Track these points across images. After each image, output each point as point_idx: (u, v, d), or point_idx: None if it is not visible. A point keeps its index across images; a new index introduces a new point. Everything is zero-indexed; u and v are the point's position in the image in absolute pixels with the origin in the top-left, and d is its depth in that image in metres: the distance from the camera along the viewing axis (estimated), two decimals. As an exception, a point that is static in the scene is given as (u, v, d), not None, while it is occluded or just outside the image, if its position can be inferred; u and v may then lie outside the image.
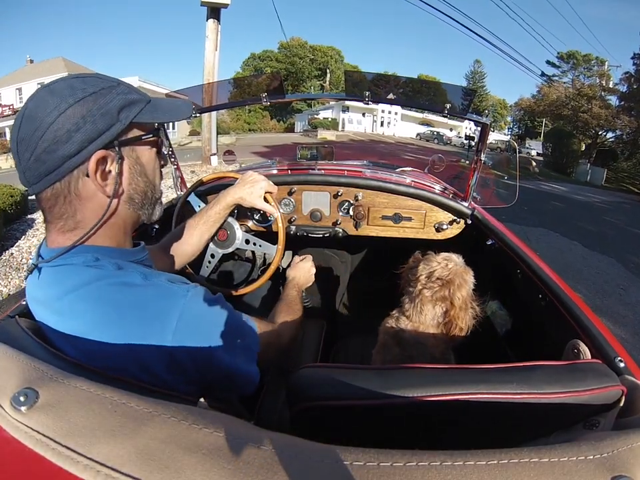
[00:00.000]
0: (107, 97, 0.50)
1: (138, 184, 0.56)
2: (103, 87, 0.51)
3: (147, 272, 0.54)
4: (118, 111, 0.51)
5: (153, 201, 0.60)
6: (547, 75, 24.37)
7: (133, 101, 0.53)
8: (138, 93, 0.55)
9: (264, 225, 1.49)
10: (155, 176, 0.60)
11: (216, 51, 4.57)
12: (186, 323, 0.49)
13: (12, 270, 3.26)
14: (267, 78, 1.37)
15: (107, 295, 0.48)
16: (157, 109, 0.56)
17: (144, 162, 0.56)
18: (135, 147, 0.54)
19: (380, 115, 31.37)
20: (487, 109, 41.15)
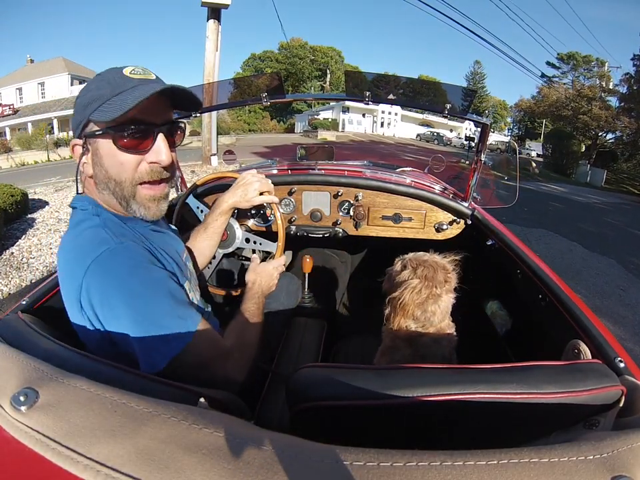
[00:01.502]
0: (87, 95, 0.59)
1: (97, 173, 0.62)
2: (92, 82, 0.60)
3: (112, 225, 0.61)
4: (85, 108, 0.59)
5: (120, 195, 0.62)
6: (547, 76, 24.41)
7: (96, 98, 0.58)
8: (116, 86, 0.58)
9: (264, 225, 1.49)
10: (116, 171, 0.61)
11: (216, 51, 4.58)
12: (99, 264, 0.54)
13: (12, 269, 3.26)
14: (267, 78, 1.37)
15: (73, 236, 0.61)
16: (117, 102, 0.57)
17: (102, 154, 0.61)
18: (95, 140, 0.61)
19: (380, 115, 31.38)
20: (487, 109, 41.21)
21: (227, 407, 0.51)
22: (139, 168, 0.62)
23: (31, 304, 0.73)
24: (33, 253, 3.59)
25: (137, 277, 0.56)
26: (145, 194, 0.64)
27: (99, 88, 0.59)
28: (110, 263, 0.55)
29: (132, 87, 0.58)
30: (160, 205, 0.67)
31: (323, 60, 38.73)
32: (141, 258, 0.58)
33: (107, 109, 0.57)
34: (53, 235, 4.04)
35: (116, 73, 0.60)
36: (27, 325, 0.57)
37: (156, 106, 0.61)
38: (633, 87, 18.07)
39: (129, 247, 0.58)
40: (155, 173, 0.64)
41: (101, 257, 0.54)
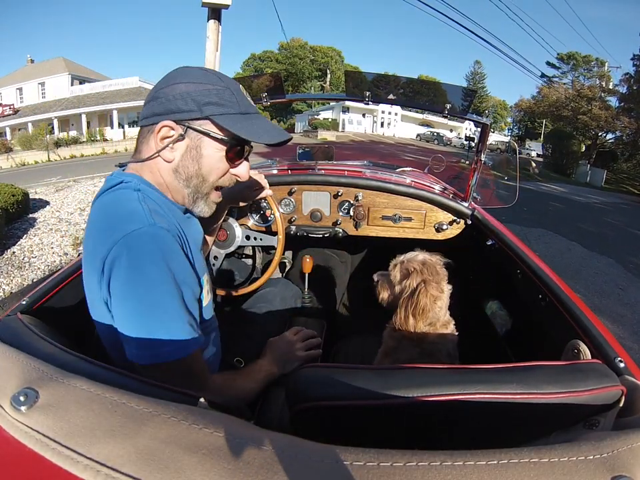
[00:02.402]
0: (205, 91, 0.61)
1: (188, 165, 0.64)
2: (211, 82, 0.62)
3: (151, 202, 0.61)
4: (204, 104, 0.61)
5: (196, 190, 0.66)
6: (546, 76, 24.40)
7: (223, 104, 0.61)
8: (242, 104, 0.63)
9: (264, 225, 1.49)
10: (209, 172, 0.65)
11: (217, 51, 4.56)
12: (126, 243, 0.54)
13: (14, 268, 3.26)
14: (267, 78, 1.37)
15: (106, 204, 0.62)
16: (245, 123, 0.62)
17: (204, 153, 0.63)
18: (202, 137, 0.63)
19: (380, 115, 31.36)
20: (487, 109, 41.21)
21: (227, 407, 0.51)
22: (225, 175, 0.68)
23: (31, 304, 0.73)
24: (35, 252, 3.60)
25: (158, 268, 0.55)
26: (215, 196, 0.70)
27: (222, 93, 0.61)
28: (138, 245, 0.54)
29: (254, 112, 0.66)
30: (213, 206, 0.72)
31: (323, 60, 38.72)
32: (169, 249, 0.57)
33: (238, 123, 0.61)
34: (54, 235, 4.04)
35: (235, 85, 0.65)
36: (26, 327, 0.56)
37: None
38: (632, 87, 18.07)
39: (160, 233, 0.57)
40: (231, 183, 0.71)
41: (131, 235, 0.54)
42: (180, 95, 0.60)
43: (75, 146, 17.31)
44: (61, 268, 1.01)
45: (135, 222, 0.55)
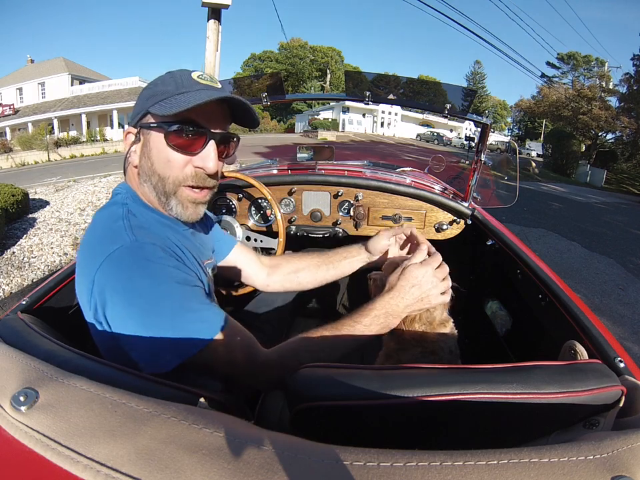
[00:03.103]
0: (152, 86, 0.62)
1: (143, 164, 0.63)
2: (161, 77, 0.62)
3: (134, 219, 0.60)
4: (147, 99, 0.61)
5: (161, 190, 0.62)
6: (547, 76, 24.40)
7: (160, 92, 0.60)
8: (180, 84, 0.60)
9: (264, 225, 1.49)
10: (161, 166, 0.61)
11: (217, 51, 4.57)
12: (110, 262, 0.53)
13: (14, 268, 3.27)
14: (267, 78, 1.37)
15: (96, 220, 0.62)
16: (174, 100, 0.58)
17: (152, 146, 0.61)
18: (148, 132, 0.62)
19: (380, 115, 31.37)
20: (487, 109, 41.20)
21: (227, 407, 0.51)
22: (185, 169, 0.62)
23: (31, 304, 0.73)
24: (34, 253, 3.60)
25: (148, 277, 0.53)
26: (186, 194, 0.63)
27: (165, 84, 0.61)
28: (121, 262, 0.53)
29: (197, 89, 0.59)
30: (198, 208, 0.66)
31: (323, 60, 38.73)
32: (155, 257, 0.55)
33: (167, 104, 0.58)
34: (54, 235, 4.04)
35: (184, 74, 0.62)
36: (27, 325, 0.56)
37: (214, 113, 0.62)
38: (632, 87, 18.06)
39: (144, 245, 0.55)
40: (199, 179, 0.63)
41: (113, 254, 0.53)
42: (138, 101, 0.63)
43: (75, 146, 17.31)
44: (61, 268, 1.01)
45: (115, 241, 0.55)
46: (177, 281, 0.55)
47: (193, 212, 0.65)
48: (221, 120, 0.64)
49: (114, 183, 6.48)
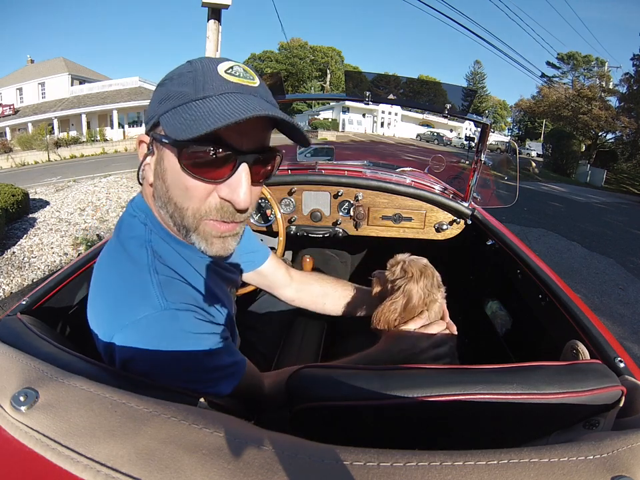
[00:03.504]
0: (168, 80, 0.48)
1: (157, 185, 0.50)
2: (179, 69, 0.48)
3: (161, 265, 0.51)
4: (159, 102, 0.47)
5: (179, 223, 0.50)
6: (547, 76, 24.41)
7: (175, 94, 0.45)
8: (200, 86, 0.45)
9: (264, 225, 1.49)
10: (182, 196, 0.48)
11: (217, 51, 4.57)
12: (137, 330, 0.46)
13: (14, 268, 3.27)
14: (267, 78, 1.37)
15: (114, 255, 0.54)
16: (190, 112, 0.43)
17: (165, 167, 0.48)
18: (161, 147, 0.48)
19: (380, 115, 31.39)
20: (487, 109, 41.21)
21: (227, 407, 0.51)
22: (207, 200, 0.48)
23: (31, 304, 0.73)
24: (35, 253, 3.60)
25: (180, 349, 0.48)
26: (210, 229, 0.50)
27: (182, 81, 0.46)
28: (149, 331, 0.47)
29: (221, 93, 0.44)
30: (227, 243, 0.53)
31: (323, 60, 38.73)
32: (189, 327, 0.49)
33: (180, 117, 0.44)
34: (54, 235, 4.05)
35: (209, 66, 0.46)
36: (26, 327, 0.56)
37: (249, 123, 0.43)
38: (632, 87, 18.07)
39: (177, 314, 0.48)
40: (225, 213, 0.49)
41: (141, 322, 0.46)
42: (151, 100, 0.50)
43: (75, 146, 17.31)
44: (61, 268, 1.01)
45: (144, 304, 0.47)
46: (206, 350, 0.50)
47: (220, 247, 0.52)
48: (259, 131, 0.48)
49: (114, 183, 6.48)
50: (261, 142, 0.49)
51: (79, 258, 0.88)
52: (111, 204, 5.23)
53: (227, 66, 0.47)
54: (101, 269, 0.54)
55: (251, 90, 0.47)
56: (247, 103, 0.44)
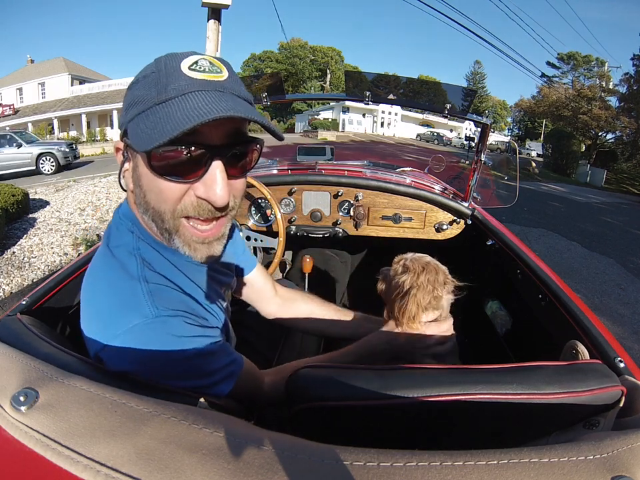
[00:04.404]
0: (135, 83, 0.47)
1: (137, 193, 0.50)
2: (145, 70, 0.47)
3: (150, 273, 0.51)
4: (127, 107, 0.46)
5: (161, 226, 0.49)
6: (547, 76, 24.41)
7: (140, 99, 0.44)
8: (162, 88, 0.43)
9: (264, 225, 1.49)
10: (157, 199, 0.47)
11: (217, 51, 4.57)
12: (131, 336, 0.47)
13: (14, 268, 3.27)
14: (267, 78, 1.37)
15: (104, 263, 0.53)
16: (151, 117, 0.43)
17: (140, 172, 0.47)
18: (134, 152, 0.47)
19: (380, 115, 31.39)
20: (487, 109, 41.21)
21: (227, 407, 0.51)
22: (183, 199, 0.47)
23: (31, 304, 0.73)
24: (35, 253, 3.60)
25: (172, 353, 0.48)
26: (190, 234, 0.49)
27: (146, 84, 0.44)
28: (142, 338, 0.47)
29: (184, 92, 0.43)
30: (211, 247, 0.51)
31: (323, 60, 38.74)
32: (180, 332, 0.49)
33: (143, 123, 0.43)
34: (54, 235, 4.05)
35: (172, 64, 0.44)
36: (26, 327, 0.56)
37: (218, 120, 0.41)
38: (632, 86, 18.07)
39: (168, 320, 0.48)
40: (203, 211, 0.48)
41: (134, 329, 0.47)
42: (122, 105, 0.48)
43: (75, 146, 17.30)
44: (61, 268, 1.01)
45: (135, 313, 0.47)
46: (201, 353, 0.50)
47: (206, 252, 0.51)
48: (232, 124, 0.46)
49: (114, 182, 6.48)
50: (236, 134, 0.47)
51: (79, 258, 0.88)
52: (111, 204, 5.23)
53: (191, 61, 0.45)
54: (91, 277, 0.54)
55: (216, 85, 0.45)
56: (210, 102, 0.42)
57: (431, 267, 0.75)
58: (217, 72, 0.46)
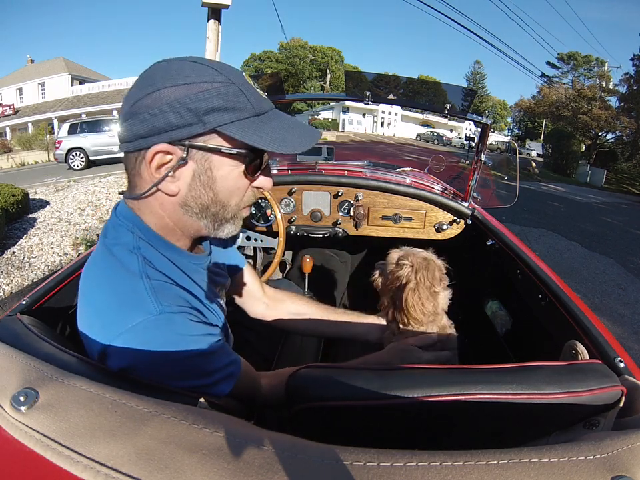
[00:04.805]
0: (202, 93, 0.46)
1: (200, 195, 0.52)
2: (207, 79, 0.47)
3: (152, 270, 0.51)
4: (205, 112, 0.47)
5: (220, 218, 0.55)
6: (547, 76, 24.41)
7: (231, 108, 0.47)
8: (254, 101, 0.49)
9: (264, 225, 1.49)
10: (230, 196, 0.53)
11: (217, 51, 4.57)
12: (135, 335, 0.47)
13: (14, 268, 3.26)
14: (267, 78, 1.37)
15: (102, 262, 0.53)
16: (264, 128, 0.49)
17: (217, 175, 0.51)
18: (210, 156, 0.49)
19: (380, 115, 31.40)
20: (487, 109, 41.21)
21: (227, 407, 0.51)
22: (247, 193, 0.55)
23: (31, 304, 0.73)
24: (35, 253, 3.60)
25: (178, 351, 0.49)
26: (244, 214, 0.58)
27: (225, 91, 0.47)
28: (146, 335, 0.47)
29: (269, 108, 0.52)
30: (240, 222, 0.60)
31: (323, 60, 38.72)
32: (185, 329, 0.50)
33: (255, 131, 0.48)
34: (54, 235, 4.05)
35: (239, 75, 0.50)
36: (26, 327, 0.56)
37: None
38: (632, 87, 18.08)
39: (172, 317, 0.49)
40: (255, 198, 0.58)
41: (138, 327, 0.47)
42: (169, 106, 0.46)
43: (75, 146, 17.29)
44: (61, 268, 1.01)
45: (139, 310, 0.48)
46: (203, 352, 0.51)
47: (238, 225, 0.59)
48: None
49: (114, 182, 6.48)
50: None
51: (79, 258, 0.88)
52: (111, 204, 5.22)
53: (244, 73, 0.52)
54: (89, 277, 0.54)
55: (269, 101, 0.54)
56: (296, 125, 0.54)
57: (427, 262, 0.75)
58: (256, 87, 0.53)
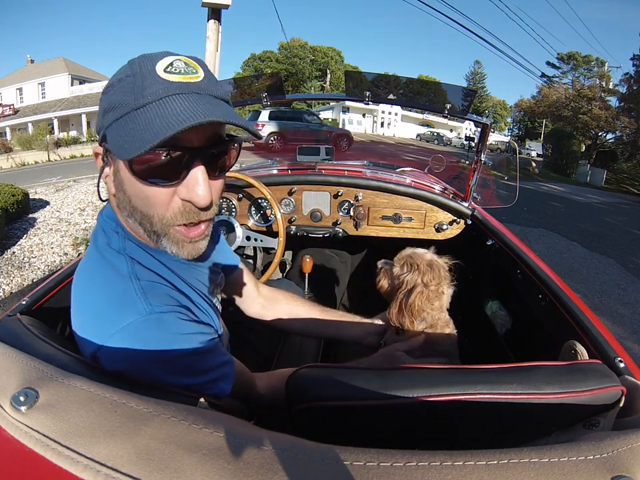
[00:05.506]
0: (110, 88, 0.46)
1: (120, 197, 0.50)
2: (119, 73, 0.46)
3: (141, 271, 0.52)
4: (104, 112, 0.47)
5: (149, 229, 0.50)
6: (547, 76, 24.40)
7: (117, 104, 0.44)
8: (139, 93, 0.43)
9: (264, 225, 1.49)
10: (146, 204, 0.47)
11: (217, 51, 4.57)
12: (126, 334, 0.46)
13: (14, 268, 3.26)
14: (267, 78, 1.37)
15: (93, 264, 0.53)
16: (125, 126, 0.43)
17: (122, 177, 0.48)
18: (115, 157, 0.47)
19: (380, 115, 31.38)
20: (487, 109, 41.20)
21: (227, 407, 0.51)
22: (171, 205, 0.48)
23: (31, 304, 0.73)
24: (35, 253, 3.60)
25: (168, 350, 0.48)
26: (180, 236, 0.51)
27: (123, 89, 0.45)
28: (138, 336, 0.47)
29: (161, 97, 0.43)
30: (197, 244, 0.53)
31: (323, 60, 38.70)
32: (175, 328, 0.49)
33: (122, 129, 0.44)
34: (54, 235, 4.04)
35: (147, 67, 0.45)
36: (25, 327, 0.56)
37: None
38: (632, 87, 18.07)
39: (162, 317, 0.48)
40: (190, 214, 0.49)
41: (129, 327, 0.46)
42: (98, 110, 0.48)
43: (75, 146, 17.31)
44: (61, 268, 1.01)
45: (129, 311, 0.47)
46: (195, 350, 0.50)
47: (192, 249, 0.52)
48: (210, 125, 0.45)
49: (114, 183, 6.46)
50: (214, 135, 0.48)
51: (79, 258, 0.88)
52: (111, 204, 5.22)
53: (166, 63, 0.45)
54: (81, 279, 0.54)
55: (193, 87, 0.45)
56: (189, 106, 0.43)
57: (435, 264, 0.76)
58: (192, 73, 0.46)
